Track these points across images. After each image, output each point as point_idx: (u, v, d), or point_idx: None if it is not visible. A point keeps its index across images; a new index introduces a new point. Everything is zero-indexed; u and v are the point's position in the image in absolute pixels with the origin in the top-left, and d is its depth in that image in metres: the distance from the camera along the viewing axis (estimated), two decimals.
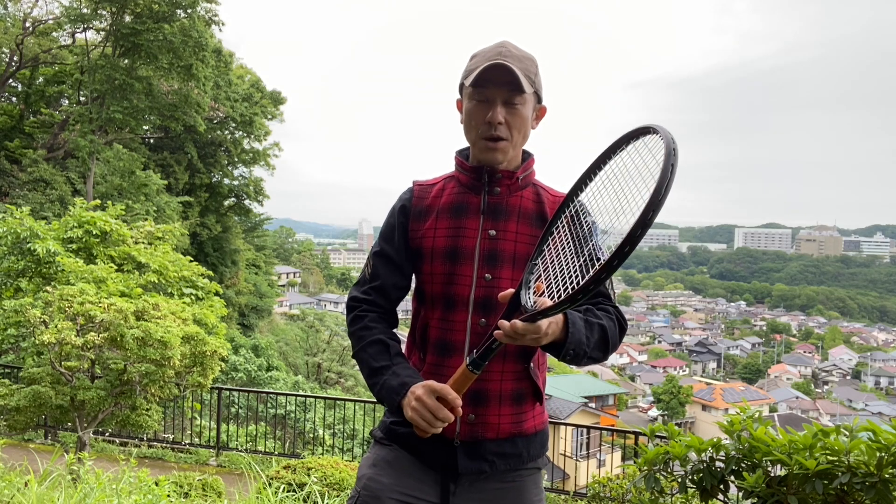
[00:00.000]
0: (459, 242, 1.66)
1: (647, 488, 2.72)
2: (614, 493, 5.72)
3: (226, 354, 7.15)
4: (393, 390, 1.57)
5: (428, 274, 1.69)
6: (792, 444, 2.40)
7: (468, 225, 1.67)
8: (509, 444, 1.66)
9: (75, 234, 9.44)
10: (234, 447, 9.39)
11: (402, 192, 1.80)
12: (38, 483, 4.05)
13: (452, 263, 1.65)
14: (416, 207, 1.73)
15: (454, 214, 1.69)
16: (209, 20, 23.02)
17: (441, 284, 1.66)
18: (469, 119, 1.66)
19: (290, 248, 74.22)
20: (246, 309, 30.73)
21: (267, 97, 30.41)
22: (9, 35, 23.43)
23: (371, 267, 1.77)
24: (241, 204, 32.72)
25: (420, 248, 1.70)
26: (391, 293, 1.75)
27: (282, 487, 4.68)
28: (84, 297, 6.56)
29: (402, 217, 1.75)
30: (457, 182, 1.74)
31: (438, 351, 1.66)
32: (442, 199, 1.72)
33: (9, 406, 6.28)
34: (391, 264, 1.74)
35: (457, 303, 1.65)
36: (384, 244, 1.76)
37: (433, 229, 1.69)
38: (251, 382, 19.24)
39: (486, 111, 1.60)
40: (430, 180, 1.80)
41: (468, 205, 1.69)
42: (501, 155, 1.65)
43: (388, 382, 1.58)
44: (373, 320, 1.72)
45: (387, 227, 1.78)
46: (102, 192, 20.29)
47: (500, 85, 1.58)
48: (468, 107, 1.65)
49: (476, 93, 1.61)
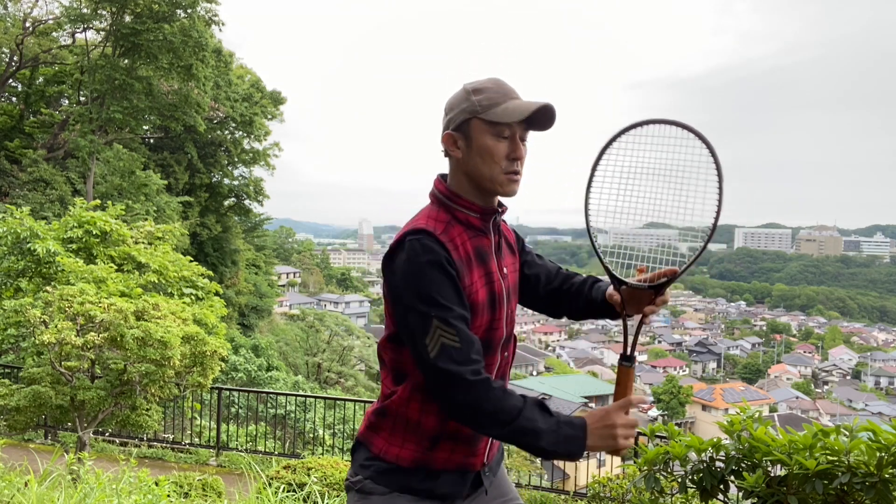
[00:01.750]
0: (494, 289, 1.68)
1: (647, 488, 2.72)
2: (614, 493, 5.72)
3: (226, 354, 7.15)
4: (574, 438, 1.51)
5: (475, 327, 1.62)
6: (792, 444, 2.40)
7: (492, 269, 1.69)
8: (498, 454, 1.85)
9: (75, 234, 9.44)
10: (234, 447, 9.39)
11: (423, 244, 1.57)
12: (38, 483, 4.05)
13: (492, 311, 1.67)
14: (457, 261, 1.61)
15: (481, 261, 1.67)
16: (209, 20, 23.01)
17: (483, 332, 1.65)
18: (490, 154, 1.63)
19: (290, 248, 74.18)
20: (246, 309, 30.73)
21: (267, 97, 30.41)
22: (9, 35, 23.43)
23: (459, 332, 1.53)
24: (241, 204, 32.72)
25: (474, 303, 1.63)
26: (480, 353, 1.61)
27: (282, 487, 4.68)
28: (84, 297, 6.56)
29: (453, 270, 1.58)
30: (463, 226, 1.67)
31: None
32: (467, 248, 1.66)
33: (9, 406, 6.28)
34: (466, 324, 1.58)
35: (493, 346, 1.69)
36: (456, 307, 1.55)
37: (475, 282, 1.65)
38: (251, 382, 19.24)
39: (509, 147, 1.64)
40: (438, 229, 1.63)
41: (485, 248, 1.70)
42: (518, 187, 1.69)
43: (567, 433, 1.51)
44: (500, 386, 1.54)
45: (442, 285, 1.55)
46: (102, 192, 20.28)
47: (542, 123, 1.64)
48: (488, 142, 1.63)
49: (502, 129, 1.63)
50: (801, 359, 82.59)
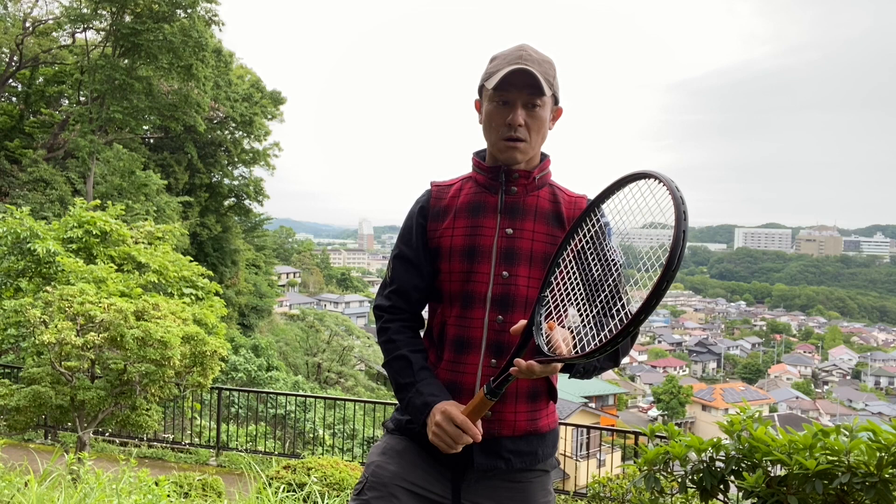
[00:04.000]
0: (477, 241, 1.68)
1: (647, 488, 2.72)
2: (614, 493, 5.72)
3: (226, 354, 7.15)
4: (417, 409, 1.62)
5: (446, 272, 1.70)
6: (792, 444, 2.40)
7: (486, 224, 1.69)
8: (524, 442, 1.68)
9: (75, 234, 9.44)
10: (234, 447, 9.40)
11: (420, 195, 1.82)
12: (38, 483, 4.05)
13: (470, 261, 1.67)
14: (434, 208, 1.75)
15: (472, 213, 1.71)
16: (209, 20, 23.01)
17: (459, 282, 1.69)
18: (489, 121, 1.67)
19: (290, 248, 74.21)
20: (246, 309, 30.73)
21: (267, 97, 30.41)
22: (9, 35, 23.42)
23: (391, 270, 1.78)
24: (241, 204, 32.71)
25: (438, 247, 1.72)
26: (412, 295, 1.76)
27: (282, 487, 4.67)
28: (84, 297, 6.56)
29: (420, 218, 1.76)
30: (474, 182, 1.76)
31: (456, 348, 1.69)
32: (460, 199, 1.74)
33: (9, 406, 6.28)
34: (410, 266, 1.75)
35: (474, 300, 1.67)
36: (403, 246, 1.77)
37: (451, 228, 1.71)
38: (251, 382, 19.24)
39: (507, 113, 1.63)
40: (447, 181, 1.81)
41: (486, 204, 1.71)
42: (521, 155, 1.67)
43: (412, 401, 1.63)
44: (396, 331, 1.74)
45: (405, 229, 1.79)
46: (102, 192, 20.29)
47: (520, 88, 1.60)
48: (489, 109, 1.67)
49: (497, 95, 1.63)
50: (801, 359, 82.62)
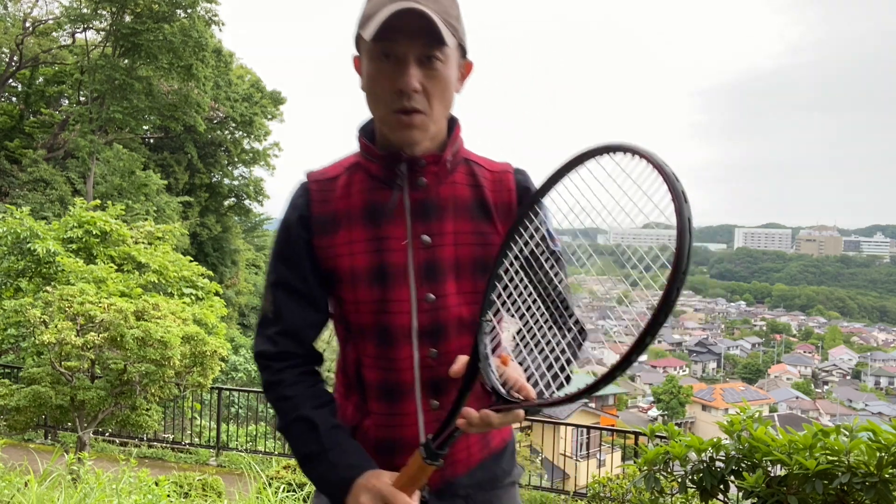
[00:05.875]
0: (386, 258, 1.25)
1: (647, 488, 2.72)
2: (614, 493, 5.73)
3: (226, 354, 7.16)
4: (333, 487, 1.21)
5: (351, 303, 1.27)
6: (792, 444, 2.40)
7: (392, 233, 1.25)
8: (481, 471, 1.36)
9: (75, 234, 9.45)
10: (234, 447, 9.40)
11: (294, 194, 1.32)
12: (38, 483, 4.05)
13: (382, 287, 1.25)
14: (319, 216, 1.28)
15: (372, 220, 1.26)
16: (209, 20, 23.04)
17: (371, 314, 1.26)
18: (372, 86, 1.20)
19: None
20: (246, 309, 30.72)
21: (267, 97, 30.41)
22: (9, 35, 23.44)
23: (272, 304, 1.31)
24: (241, 204, 32.73)
25: (335, 269, 1.27)
26: (306, 334, 1.32)
27: (282, 487, 4.68)
28: (84, 297, 6.57)
29: (302, 231, 1.28)
30: (366, 174, 1.29)
31: (384, 396, 1.29)
32: (351, 200, 1.28)
33: (9, 406, 6.28)
34: (299, 298, 1.29)
35: (396, 335, 1.26)
36: (285, 270, 1.30)
37: (348, 244, 1.26)
38: (251, 382, 19.24)
39: (396, 75, 1.16)
40: (327, 170, 1.33)
41: (381, 205, 1.26)
42: (419, 133, 1.20)
43: (325, 477, 1.23)
44: (291, 383, 1.28)
45: (283, 243, 1.30)
46: (102, 192, 20.31)
47: (412, 37, 1.13)
48: (370, 69, 1.19)
49: (379, 48, 1.16)
50: (801, 359, 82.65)
